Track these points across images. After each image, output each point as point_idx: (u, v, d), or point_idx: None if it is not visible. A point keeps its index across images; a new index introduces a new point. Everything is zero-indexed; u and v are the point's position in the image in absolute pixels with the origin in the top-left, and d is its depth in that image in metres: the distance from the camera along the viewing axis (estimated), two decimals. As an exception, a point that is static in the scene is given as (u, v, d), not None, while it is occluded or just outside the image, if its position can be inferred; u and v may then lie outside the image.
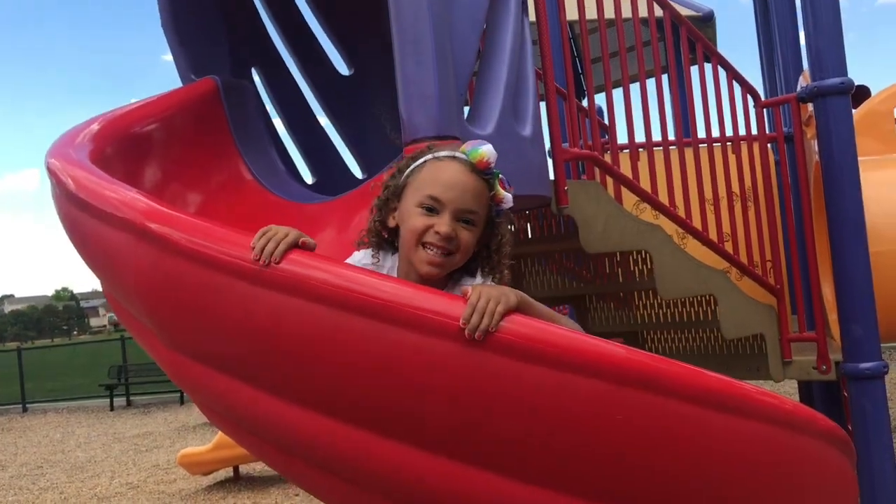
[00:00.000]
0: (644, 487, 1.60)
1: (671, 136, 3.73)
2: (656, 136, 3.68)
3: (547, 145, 3.21)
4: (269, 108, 3.48)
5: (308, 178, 3.50)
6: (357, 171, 3.64)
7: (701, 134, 3.81)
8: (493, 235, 1.89)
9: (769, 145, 4.02)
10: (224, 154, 3.07)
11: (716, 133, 3.89)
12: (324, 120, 3.67)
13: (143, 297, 1.95)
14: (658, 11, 3.67)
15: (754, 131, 3.96)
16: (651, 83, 3.76)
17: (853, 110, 3.59)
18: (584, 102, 4.70)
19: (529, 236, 3.95)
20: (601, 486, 1.59)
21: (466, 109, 2.69)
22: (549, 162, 3.19)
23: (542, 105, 3.25)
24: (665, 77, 4.34)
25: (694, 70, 3.92)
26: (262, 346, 1.70)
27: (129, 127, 2.77)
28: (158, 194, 2.69)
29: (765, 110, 4.04)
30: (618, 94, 3.64)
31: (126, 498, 8.18)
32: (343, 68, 3.67)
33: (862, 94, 5.14)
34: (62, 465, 10.64)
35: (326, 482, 1.84)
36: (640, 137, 3.64)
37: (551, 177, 3.13)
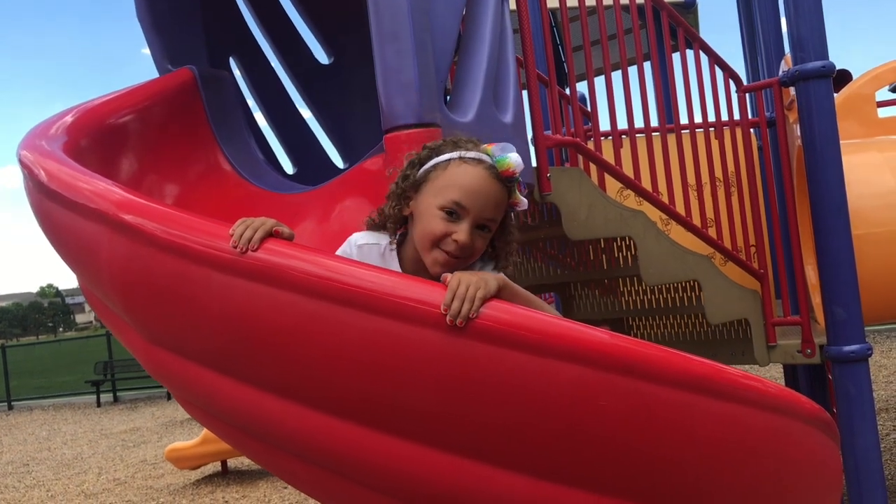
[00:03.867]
0: (629, 473, 1.59)
1: (654, 123, 3.71)
2: (639, 123, 3.67)
3: (529, 133, 3.19)
4: (248, 97, 3.44)
5: (288, 168, 3.47)
6: (338, 161, 3.61)
7: (684, 120, 3.80)
8: (502, 233, 1.88)
9: (752, 130, 4.01)
10: (202, 144, 3.03)
11: (698, 119, 3.89)
12: (304, 110, 3.64)
13: (119, 289, 1.92)
14: (639, -2, 3.65)
15: (737, 116, 3.96)
16: (633, 70, 3.74)
17: (835, 94, 3.58)
18: (567, 91, 4.68)
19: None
20: (586, 473, 1.58)
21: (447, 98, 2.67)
22: (532, 149, 3.17)
23: (525, 93, 3.23)
24: (647, 64, 4.32)
25: (676, 56, 3.91)
26: (239, 336, 1.68)
27: (104, 118, 2.72)
28: (135, 186, 2.65)
29: (747, 95, 4.03)
30: (600, 81, 3.63)
31: (114, 494, 8.13)
32: (323, 57, 3.63)
33: (843, 77, 5.13)
34: (49, 463, 10.58)
35: (308, 473, 1.82)
36: (622, 124, 3.62)
37: (534, 164, 3.12)
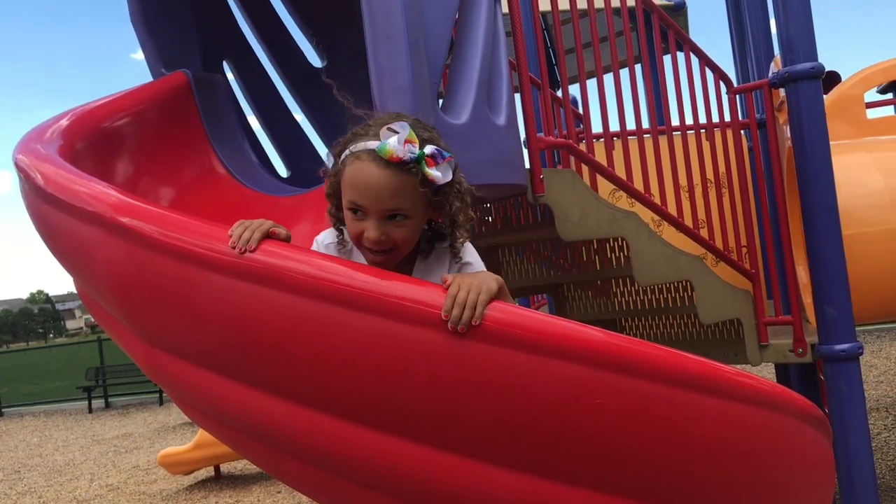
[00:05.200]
0: (625, 471, 1.61)
1: (645, 125, 3.73)
2: (630, 125, 3.69)
3: (522, 135, 3.21)
4: (242, 100, 3.45)
5: (282, 171, 3.48)
6: (331, 163, 3.61)
7: (675, 121, 3.82)
8: (440, 208, 1.80)
9: (742, 131, 4.04)
10: (196, 148, 3.04)
11: (689, 120, 3.91)
12: (298, 113, 3.65)
13: (116, 292, 1.92)
14: (630, 1, 3.67)
15: (727, 118, 3.98)
16: (625, 72, 3.77)
17: (824, 95, 3.61)
18: (559, 93, 4.70)
19: (506, 225, 3.95)
20: (583, 471, 1.59)
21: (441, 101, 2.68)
22: (525, 151, 3.19)
23: (518, 96, 3.25)
24: (638, 66, 4.35)
25: (667, 58, 3.94)
26: (238, 338, 1.69)
27: (99, 122, 2.73)
28: (130, 189, 2.66)
29: (737, 96, 4.06)
30: (591, 84, 3.65)
31: (106, 500, 8.10)
32: (316, 60, 3.65)
33: (832, 79, 5.17)
34: (40, 469, 10.52)
35: (308, 474, 1.83)
36: (614, 126, 3.65)
37: (527, 166, 3.14)
